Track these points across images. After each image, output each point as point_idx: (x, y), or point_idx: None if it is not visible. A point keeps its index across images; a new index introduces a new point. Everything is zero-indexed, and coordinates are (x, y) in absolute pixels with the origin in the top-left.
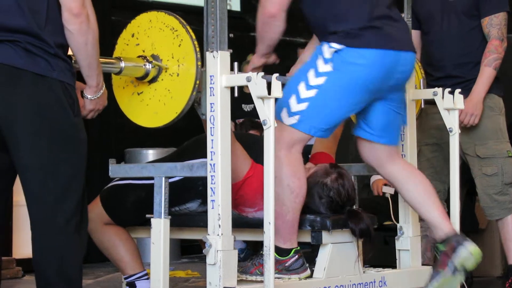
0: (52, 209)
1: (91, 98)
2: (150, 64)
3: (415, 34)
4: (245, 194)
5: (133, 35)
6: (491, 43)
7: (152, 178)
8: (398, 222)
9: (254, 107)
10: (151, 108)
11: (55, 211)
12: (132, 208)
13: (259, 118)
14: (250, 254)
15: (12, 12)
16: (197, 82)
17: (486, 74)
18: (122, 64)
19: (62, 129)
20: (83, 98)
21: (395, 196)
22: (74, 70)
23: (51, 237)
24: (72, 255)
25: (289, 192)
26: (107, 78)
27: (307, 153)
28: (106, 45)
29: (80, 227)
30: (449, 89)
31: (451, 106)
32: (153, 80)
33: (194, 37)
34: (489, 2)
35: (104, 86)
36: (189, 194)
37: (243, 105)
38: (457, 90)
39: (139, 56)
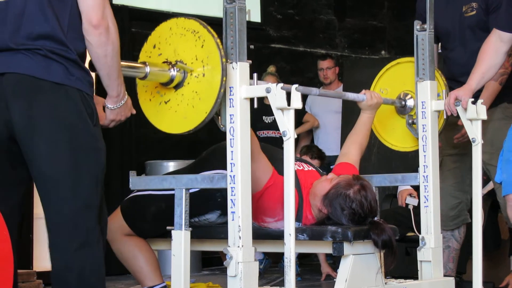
0: (72, 220)
1: (112, 108)
2: (175, 69)
3: (435, 48)
4: (266, 203)
5: (154, 46)
6: None
7: (172, 189)
8: (420, 233)
9: (275, 119)
10: (180, 114)
11: (75, 223)
12: (152, 219)
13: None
14: (268, 263)
15: (35, 18)
16: (224, 79)
17: (492, 89)
18: (147, 69)
19: (81, 139)
20: (104, 108)
21: (417, 208)
22: (92, 81)
23: (71, 249)
24: (93, 266)
25: None
26: (132, 91)
27: (329, 164)
28: (126, 58)
29: (98, 239)
30: (472, 99)
31: (474, 116)
32: (179, 85)
33: (216, 35)
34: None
35: (126, 96)
36: (208, 205)
37: (263, 117)
38: (480, 101)
39: (163, 62)
